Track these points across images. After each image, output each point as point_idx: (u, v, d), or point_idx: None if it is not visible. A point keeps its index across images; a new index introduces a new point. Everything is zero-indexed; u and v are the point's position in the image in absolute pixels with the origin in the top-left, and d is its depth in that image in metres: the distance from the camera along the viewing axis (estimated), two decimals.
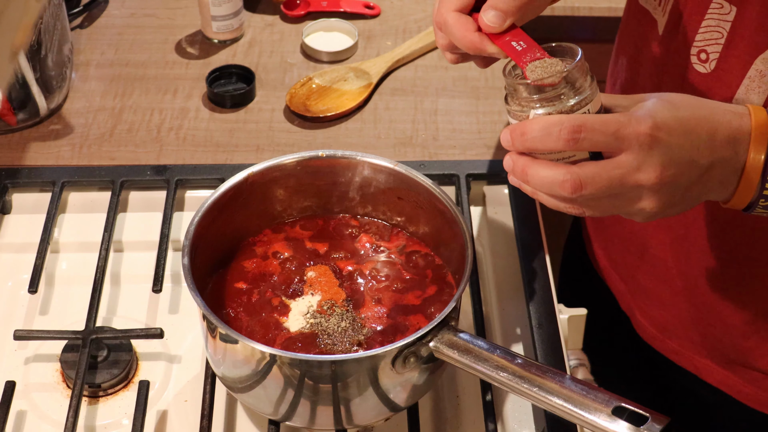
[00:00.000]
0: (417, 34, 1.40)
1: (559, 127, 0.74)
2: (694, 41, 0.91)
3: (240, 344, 0.83)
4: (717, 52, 0.89)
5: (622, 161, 0.75)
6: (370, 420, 0.91)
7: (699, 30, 0.90)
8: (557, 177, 0.75)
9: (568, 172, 0.75)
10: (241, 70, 1.31)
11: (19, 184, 1.16)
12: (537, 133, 0.75)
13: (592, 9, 1.48)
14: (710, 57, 0.90)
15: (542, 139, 0.75)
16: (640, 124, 0.74)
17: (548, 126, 0.74)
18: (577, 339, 1.22)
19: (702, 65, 0.91)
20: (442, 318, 0.84)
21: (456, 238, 0.93)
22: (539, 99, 0.77)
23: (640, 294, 1.12)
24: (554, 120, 0.75)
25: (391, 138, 1.25)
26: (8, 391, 0.95)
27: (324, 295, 0.94)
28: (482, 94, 1.32)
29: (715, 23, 0.88)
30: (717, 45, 0.89)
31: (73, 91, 1.30)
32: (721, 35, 0.88)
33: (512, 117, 0.79)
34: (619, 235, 1.13)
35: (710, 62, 0.90)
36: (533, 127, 0.75)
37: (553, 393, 0.79)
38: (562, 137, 0.74)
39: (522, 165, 0.77)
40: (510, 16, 0.81)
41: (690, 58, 0.91)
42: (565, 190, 0.75)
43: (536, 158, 0.77)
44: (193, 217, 0.91)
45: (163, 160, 1.20)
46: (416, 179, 0.96)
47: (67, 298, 1.08)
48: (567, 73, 0.76)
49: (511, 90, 0.78)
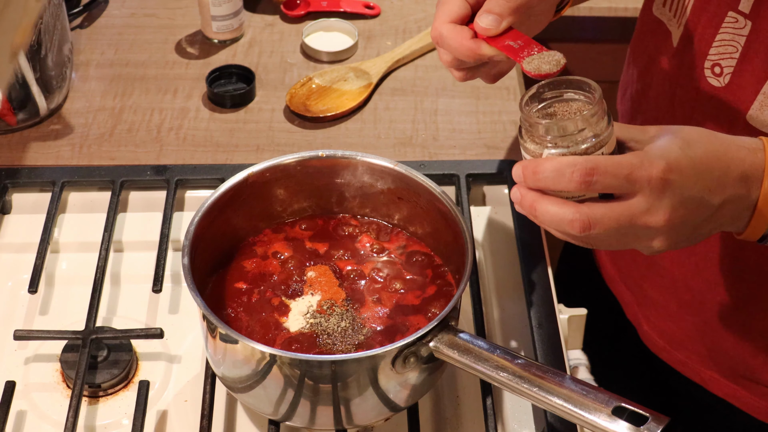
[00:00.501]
0: (417, 34, 1.40)
1: (572, 169, 0.74)
2: (708, 54, 0.90)
3: (240, 344, 0.83)
4: (731, 67, 0.89)
5: (633, 204, 0.74)
6: (370, 420, 0.91)
7: (713, 44, 0.89)
8: (566, 216, 0.75)
9: (577, 212, 0.75)
10: (241, 70, 1.31)
11: (19, 184, 1.16)
12: (549, 174, 0.75)
13: (592, 9, 1.48)
14: (724, 71, 0.89)
15: (554, 180, 0.75)
16: (653, 167, 0.74)
17: (561, 167, 0.74)
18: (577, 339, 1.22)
19: (716, 79, 0.90)
20: (442, 318, 0.84)
21: (456, 238, 0.92)
22: (554, 138, 0.76)
23: (648, 304, 1.12)
24: (568, 161, 0.74)
25: (391, 138, 1.25)
26: (8, 391, 0.95)
27: (324, 295, 0.94)
28: (482, 94, 1.32)
29: (730, 37, 0.88)
30: (731, 59, 0.89)
31: (73, 91, 1.30)
32: (735, 49, 0.88)
33: (525, 153, 0.79)
34: None
35: (724, 76, 0.90)
36: (546, 167, 0.75)
37: (553, 393, 0.79)
38: (575, 179, 0.74)
39: (531, 200, 0.77)
40: (505, 17, 0.82)
41: (704, 71, 0.91)
42: (573, 228, 0.75)
43: (545, 194, 0.77)
44: (193, 217, 0.91)
45: (163, 160, 1.20)
46: (416, 179, 0.96)
47: (67, 298, 1.08)
48: (591, 108, 0.76)
49: (526, 125, 0.78)
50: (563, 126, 0.76)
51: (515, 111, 1.28)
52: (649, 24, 0.99)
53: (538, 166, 0.75)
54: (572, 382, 0.79)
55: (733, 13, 0.87)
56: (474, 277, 1.04)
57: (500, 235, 1.15)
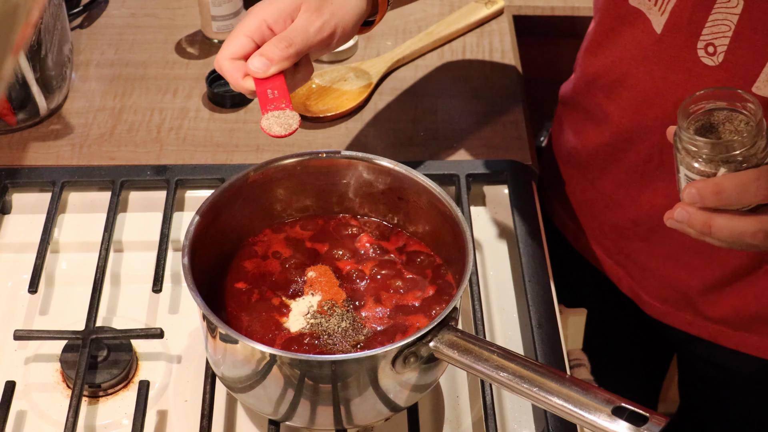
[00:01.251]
0: (417, 34, 1.40)
1: (756, 183, 0.77)
2: (700, 35, 0.92)
3: (240, 344, 0.83)
4: (725, 45, 0.91)
5: None
6: (370, 420, 0.91)
7: (705, 24, 0.92)
8: (749, 228, 0.78)
9: (758, 222, 0.78)
10: None
11: (19, 184, 1.16)
12: (733, 192, 0.77)
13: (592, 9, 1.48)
14: (718, 50, 0.92)
15: (739, 197, 0.77)
16: None
17: (745, 183, 0.77)
18: (577, 339, 1.22)
19: (709, 58, 0.93)
20: (442, 318, 0.84)
21: (456, 238, 0.92)
22: (727, 158, 0.78)
23: (645, 274, 1.13)
24: (750, 176, 0.77)
25: (391, 138, 1.25)
26: (8, 391, 0.95)
27: (324, 295, 0.94)
28: (482, 94, 1.32)
29: (723, 17, 0.90)
30: (725, 38, 0.91)
31: (73, 91, 1.30)
32: (728, 28, 0.90)
33: (691, 173, 0.80)
34: (611, 222, 1.14)
35: (718, 55, 0.92)
36: (728, 185, 0.77)
37: (553, 393, 0.79)
38: (761, 192, 0.77)
39: (704, 219, 0.80)
40: (275, 64, 0.89)
41: (697, 51, 0.93)
42: (757, 239, 0.78)
43: (716, 211, 0.79)
44: (193, 217, 0.91)
45: (163, 160, 1.20)
46: (416, 179, 0.96)
47: (67, 298, 1.08)
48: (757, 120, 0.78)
49: (692, 150, 0.79)
50: (738, 143, 0.78)
51: (515, 111, 1.29)
52: (624, 15, 1.00)
53: (720, 185, 0.78)
54: (572, 382, 0.79)
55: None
56: (474, 277, 1.04)
57: (500, 235, 1.15)
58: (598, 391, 0.78)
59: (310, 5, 0.92)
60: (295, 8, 0.92)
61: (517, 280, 1.09)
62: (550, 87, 1.56)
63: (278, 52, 0.89)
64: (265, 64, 0.89)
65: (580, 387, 0.78)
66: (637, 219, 1.10)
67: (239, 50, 0.91)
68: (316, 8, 0.92)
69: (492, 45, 1.39)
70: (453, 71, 1.35)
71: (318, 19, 0.92)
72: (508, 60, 1.37)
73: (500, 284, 1.10)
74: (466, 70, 1.35)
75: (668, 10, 0.95)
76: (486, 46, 1.39)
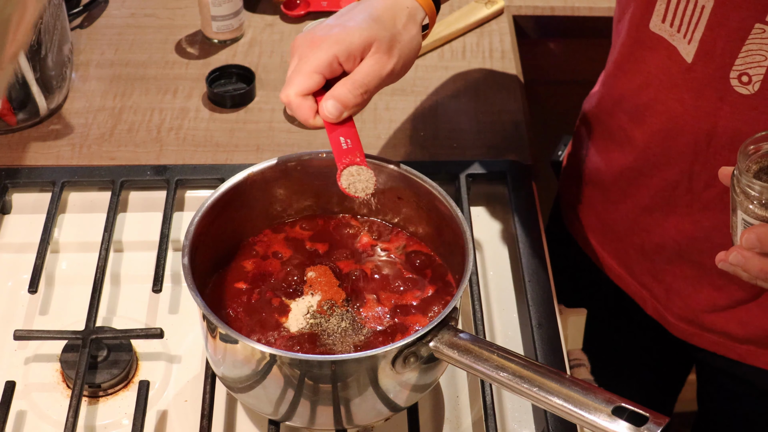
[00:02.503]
0: None
1: None
2: (734, 65, 0.92)
3: (240, 344, 0.83)
4: (761, 75, 0.91)
5: None
6: (370, 420, 0.91)
7: (739, 54, 0.91)
8: None
9: None
10: (241, 70, 1.31)
11: (19, 184, 1.16)
12: None
13: (592, 9, 1.48)
14: (753, 79, 0.91)
15: None
16: None
17: None
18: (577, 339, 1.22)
19: (744, 87, 0.92)
20: (442, 318, 0.84)
21: (456, 238, 0.92)
22: None
23: (671, 296, 1.12)
24: None
25: (391, 138, 1.25)
26: (8, 391, 0.95)
27: (324, 295, 0.94)
28: (482, 94, 1.32)
29: (757, 47, 0.90)
30: (760, 67, 0.90)
31: (73, 91, 1.30)
32: (764, 58, 0.90)
33: (750, 218, 0.80)
34: (635, 245, 1.13)
35: (753, 84, 0.92)
36: None
37: (553, 393, 0.79)
38: None
39: (761, 265, 0.80)
40: (349, 108, 0.88)
41: (729, 81, 0.92)
42: None
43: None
44: (193, 217, 0.91)
45: (163, 160, 1.20)
46: (416, 179, 0.96)
47: (67, 298, 1.08)
48: None
49: (751, 194, 0.79)
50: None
51: (515, 111, 1.29)
52: (646, 41, 0.99)
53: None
54: (572, 382, 0.79)
55: (761, 24, 0.88)
56: (474, 277, 1.04)
57: (500, 235, 1.15)
58: (598, 391, 0.78)
59: (381, 45, 0.90)
60: (367, 47, 0.89)
61: (517, 280, 1.09)
62: (549, 87, 1.56)
63: (353, 98, 0.88)
64: (339, 110, 0.88)
65: (580, 387, 0.78)
66: (663, 243, 1.08)
67: (310, 87, 0.88)
68: (387, 49, 0.90)
69: (492, 45, 1.39)
70: (453, 71, 1.35)
71: (389, 61, 0.90)
72: (508, 60, 1.37)
73: (500, 284, 1.10)
74: (466, 70, 1.35)
75: (696, 39, 0.93)
76: (486, 46, 1.39)
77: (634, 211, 1.10)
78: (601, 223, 1.18)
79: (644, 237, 1.10)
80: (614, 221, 1.14)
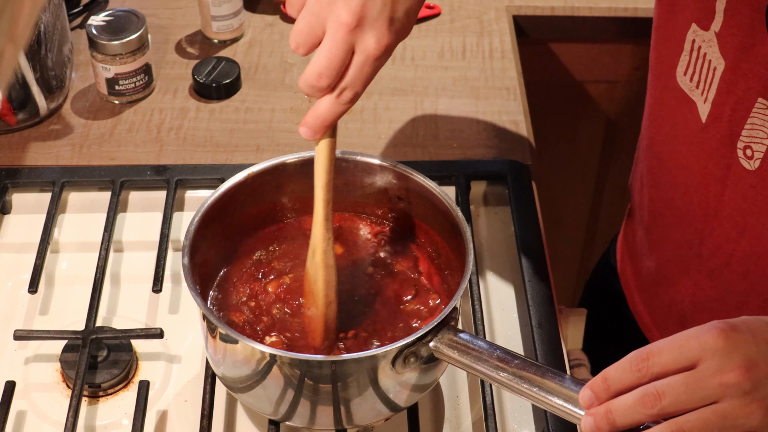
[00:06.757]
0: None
1: None
2: (740, 135, 0.88)
3: (240, 344, 0.83)
4: (761, 152, 0.86)
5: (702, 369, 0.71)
6: (370, 420, 0.91)
7: (745, 126, 0.87)
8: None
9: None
10: (224, 61, 1.30)
11: (19, 184, 1.16)
12: None
13: (592, 9, 1.48)
14: (755, 155, 0.87)
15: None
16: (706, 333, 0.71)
17: None
18: (577, 339, 1.22)
19: (747, 161, 0.88)
20: (442, 318, 0.84)
21: (456, 238, 0.92)
22: None
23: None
24: None
25: (391, 138, 1.25)
26: (8, 391, 0.95)
27: None
28: (482, 94, 1.32)
29: (760, 122, 0.86)
30: (761, 144, 0.86)
31: (73, 91, 1.30)
32: (766, 135, 0.86)
33: None
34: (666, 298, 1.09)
35: (754, 160, 0.87)
36: None
37: (553, 393, 0.79)
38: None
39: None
40: None
41: (736, 151, 0.89)
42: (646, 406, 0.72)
43: None
44: (193, 217, 0.91)
45: (163, 160, 1.20)
46: (416, 179, 0.96)
47: (67, 298, 1.08)
48: None
49: None
50: None
51: (515, 111, 1.29)
52: (673, 91, 0.95)
53: None
54: (572, 382, 0.79)
55: (763, 99, 0.84)
56: (474, 277, 1.04)
57: (500, 235, 1.16)
58: None
59: None
60: None
61: (517, 280, 1.09)
62: (550, 87, 1.56)
63: None
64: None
65: (580, 387, 0.78)
66: (675, 300, 1.06)
67: None
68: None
69: (492, 45, 1.39)
70: (453, 71, 1.35)
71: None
72: (508, 60, 1.37)
73: (500, 284, 1.10)
74: (466, 70, 1.35)
75: (710, 99, 0.89)
76: (486, 46, 1.39)
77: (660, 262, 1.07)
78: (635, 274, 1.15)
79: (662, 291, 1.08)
80: (644, 274, 1.12)
